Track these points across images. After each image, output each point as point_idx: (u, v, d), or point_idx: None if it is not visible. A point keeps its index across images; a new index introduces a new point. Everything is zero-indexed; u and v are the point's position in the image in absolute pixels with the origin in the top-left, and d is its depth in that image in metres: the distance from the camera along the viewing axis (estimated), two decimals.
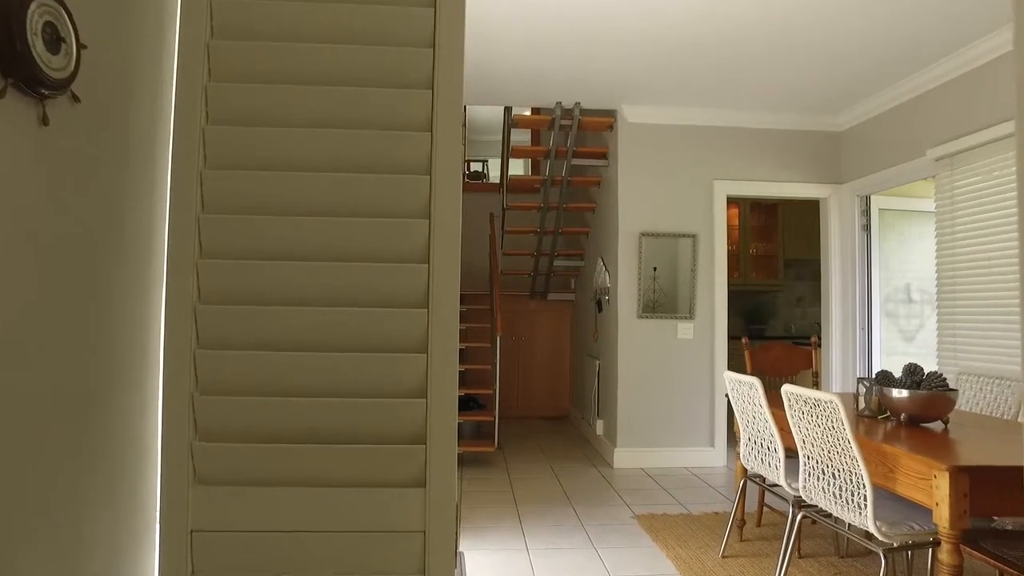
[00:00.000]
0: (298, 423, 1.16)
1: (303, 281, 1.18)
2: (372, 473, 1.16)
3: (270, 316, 1.17)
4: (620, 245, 5.12)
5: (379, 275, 1.19)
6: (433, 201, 1.20)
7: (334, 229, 1.19)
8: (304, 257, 1.19)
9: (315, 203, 1.20)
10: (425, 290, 1.19)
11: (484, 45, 4.00)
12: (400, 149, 1.21)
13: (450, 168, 1.20)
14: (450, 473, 1.18)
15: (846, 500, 2.27)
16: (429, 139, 1.21)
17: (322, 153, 1.21)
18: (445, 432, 1.17)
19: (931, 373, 2.49)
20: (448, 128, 1.21)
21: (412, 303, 1.20)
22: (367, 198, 1.20)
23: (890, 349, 5.13)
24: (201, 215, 1.18)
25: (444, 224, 1.19)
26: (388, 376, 1.18)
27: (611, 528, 3.66)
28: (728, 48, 4.01)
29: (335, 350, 1.18)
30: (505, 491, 4.39)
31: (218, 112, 1.20)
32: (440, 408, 1.17)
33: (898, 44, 3.85)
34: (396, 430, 1.17)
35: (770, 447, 2.86)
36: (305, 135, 1.20)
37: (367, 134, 1.21)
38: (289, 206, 1.20)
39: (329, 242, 1.19)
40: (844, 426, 2.19)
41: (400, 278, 1.19)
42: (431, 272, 1.19)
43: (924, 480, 1.97)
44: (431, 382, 1.17)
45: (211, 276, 1.17)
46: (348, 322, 1.18)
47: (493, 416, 5.23)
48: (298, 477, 1.15)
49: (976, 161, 3.85)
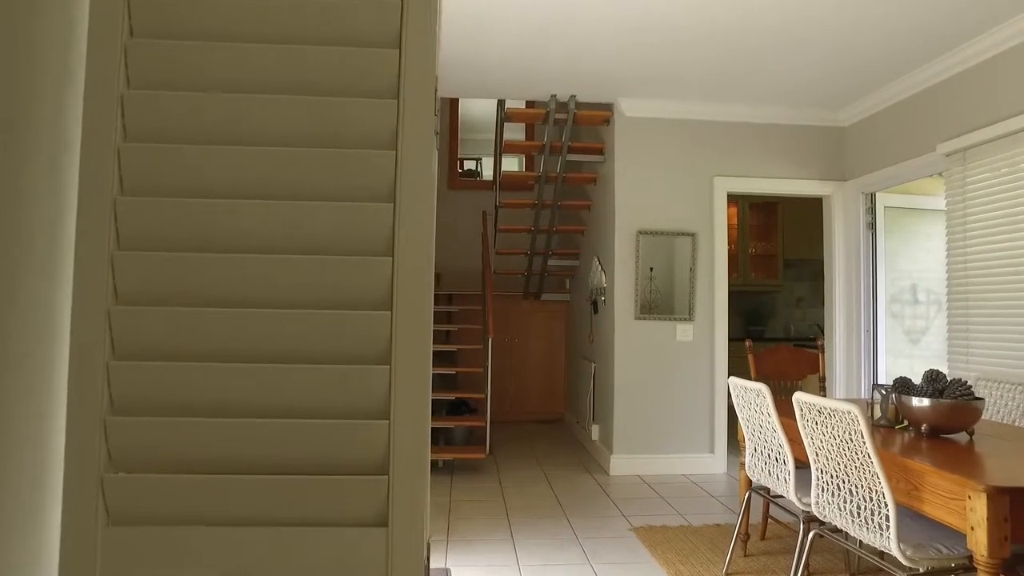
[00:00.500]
0: (234, 450, 0.96)
1: (242, 278, 0.98)
2: (323, 510, 0.96)
3: (201, 320, 0.97)
4: (617, 244, 4.93)
5: (333, 270, 0.99)
6: (399, 181, 1.00)
7: (279, 215, 0.99)
8: (244, 249, 0.99)
9: (256, 183, 1.00)
10: (388, 288, 0.99)
11: (475, 34, 3.81)
12: (360, 119, 1.01)
13: (420, 141, 1.00)
14: (418, 509, 0.97)
15: (865, 520, 2.07)
16: (395, 107, 1.01)
17: (266, 123, 1.01)
18: (413, 460, 0.97)
19: (954, 380, 2.30)
20: (418, 94, 1.01)
21: (372, 304, 1.00)
22: (319, 177, 1.00)
23: (895, 352, 4.96)
24: (119, 197, 0.97)
25: (412, 209, 0.99)
26: (343, 392, 0.98)
27: (608, 542, 3.46)
28: (730, 40, 3.82)
29: (280, 361, 0.98)
30: (496, 500, 4.19)
31: (142, 74, 1.00)
32: (407, 431, 0.97)
33: (907, 34, 3.67)
34: (352, 458, 0.97)
35: (779, 458, 2.67)
36: (239, 102, 1.00)
37: (321, 101, 1.01)
38: (227, 186, 1.00)
39: (273, 230, 0.99)
40: (864, 439, 2.00)
41: (358, 274, 0.99)
42: (395, 267, 0.99)
43: (955, 501, 1.78)
44: (395, 399, 0.97)
45: (130, 272, 0.97)
46: (295, 327, 0.98)
47: (485, 421, 5.03)
48: (232, 515, 0.95)
49: (990, 156, 3.67)
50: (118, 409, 0.95)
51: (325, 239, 1.00)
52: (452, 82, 4.67)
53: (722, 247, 5.01)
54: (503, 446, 5.78)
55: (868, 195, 4.97)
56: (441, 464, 5.04)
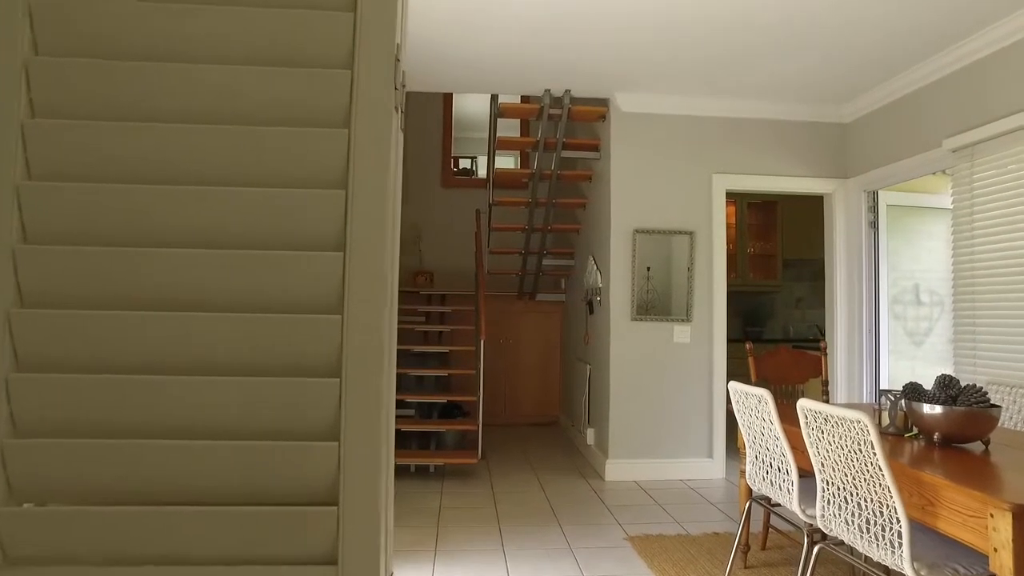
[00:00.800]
0: (154, 477, 0.82)
1: (168, 276, 0.84)
2: (260, 547, 0.82)
3: (121, 326, 0.83)
4: (612, 243, 4.80)
5: (273, 268, 0.85)
6: (352, 165, 0.86)
7: (212, 203, 0.85)
8: (171, 243, 0.85)
9: (186, 166, 0.86)
10: (338, 289, 0.85)
11: (466, 27, 3.67)
12: (305, 92, 0.88)
13: (377, 119, 0.87)
14: (373, 544, 0.84)
15: (875, 536, 1.94)
16: (349, 78, 0.87)
17: (197, 97, 0.87)
18: (367, 487, 0.84)
19: (968, 386, 2.17)
20: (375, 63, 0.87)
21: (320, 306, 0.86)
22: (257, 160, 0.86)
23: (898, 354, 4.83)
24: (23, 183, 0.84)
25: (367, 197, 0.86)
26: (284, 409, 0.84)
27: (602, 552, 3.33)
28: (729, 33, 3.69)
29: (210, 372, 0.84)
30: (488, 507, 4.05)
31: (51, 38, 0.86)
32: (360, 453, 0.84)
33: (913, 26, 3.53)
34: (296, 485, 0.84)
35: (781, 467, 2.53)
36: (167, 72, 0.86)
37: (259, 71, 0.87)
38: (151, 170, 0.86)
39: (204, 221, 0.85)
40: (874, 450, 1.86)
41: (303, 272, 0.86)
42: (347, 264, 0.85)
43: (976, 518, 1.65)
44: (346, 418, 0.84)
45: (35, 269, 0.83)
46: (228, 333, 0.84)
47: (477, 425, 4.89)
48: (152, 553, 0.81)
49: (999, 151, 3.54)
50: (20, 431, 0.82)
51: (265, 232, 0.86)
52: (443, 76, 4.54)
53: (721, 246, 4.88)
54: (496, 450, 5.64)
55: (870, 193, 4.84)
56: (432, 469, 4.90)
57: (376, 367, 0.84)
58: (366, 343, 0.84)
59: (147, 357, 0.83)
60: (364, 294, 0.84)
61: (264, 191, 0.85)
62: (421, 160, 7.43)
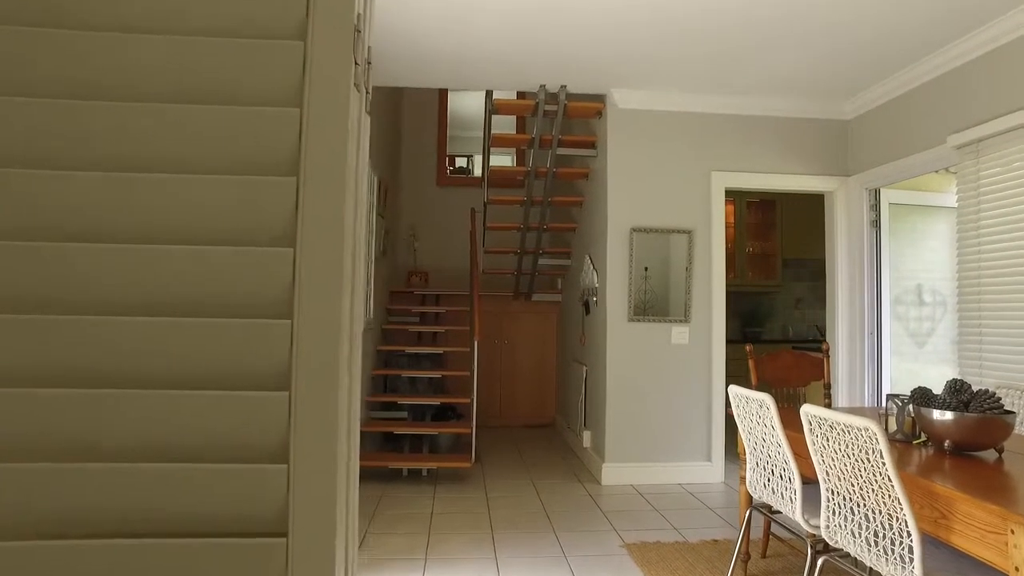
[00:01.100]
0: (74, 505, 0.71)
1: (92, 274, 0.74)
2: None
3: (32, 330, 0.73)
4: (609, 241, 4.69)
5: (214, 265, 0.75)
6: (304, 147, 0.75)
7: (144, 191, 0.75)
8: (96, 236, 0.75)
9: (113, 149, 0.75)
10: (288, 289, 0.75)
11: (457, 19, 3.56)
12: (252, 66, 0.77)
13: (334, 97, 0.76)
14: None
15: (884, 549, 1.84)
16: (301, 50, 0.77)
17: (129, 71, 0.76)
18: (321, 518, 0.73)
19: (980, 391, 2.07)
20: (332, 33, 0.77)
21: (266, 309, 0.75)
22: (196, 142, 0.76)
23: (900, 356, 4.73)
24: None
25: (321, 185, 0.75)
26: (226, 427, 0.73)
27: (598, 560, 3.22)
28: (728, 27, 3.58)
29: (139, 385, 0.73)
30: (481, 512, 3.95)
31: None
32: (313, 479, 0.73)
33: (917, 19, 3.43)
34: (238, 514, 0.73)
35: (783, 475, 2.43)
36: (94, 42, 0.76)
37: (199, 42, 0.77)
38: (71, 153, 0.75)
39: (135, 212, 0.75)
40: (884, 460, 1.76)
41: (248, 270, 0.75)
42: (298, 260, 0.74)
43: (994, 534, 1.55)
44: (296, 437, 0.73)
45: None
46: (161, 340, 0.73)
47: (471, 428, 4.79)
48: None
49: (1006, 148, 3.44)
50: None
51: (205, 226, 0.75)
52: (435, 71, 4.43)
53: (720, 245, 4.78)
54: (491, 452, 5.53)
55: (872, 191, 4.75)
56: (425, 473, 4.80)
57: (331, 379, 0.74)
58: (320, 351, 0.74)
59: (70, 364, 0.72)
60: (317, 296, 0.74)
61: (203, 178, 0.75)
62: (416, 159, 7.33)
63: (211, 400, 0.73)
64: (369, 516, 3.84)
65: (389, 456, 4.82)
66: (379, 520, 3.78)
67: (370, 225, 4.86)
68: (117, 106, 0.75)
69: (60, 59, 0.76)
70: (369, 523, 3.72)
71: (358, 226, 0.83)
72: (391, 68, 4.37)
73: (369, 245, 4.85)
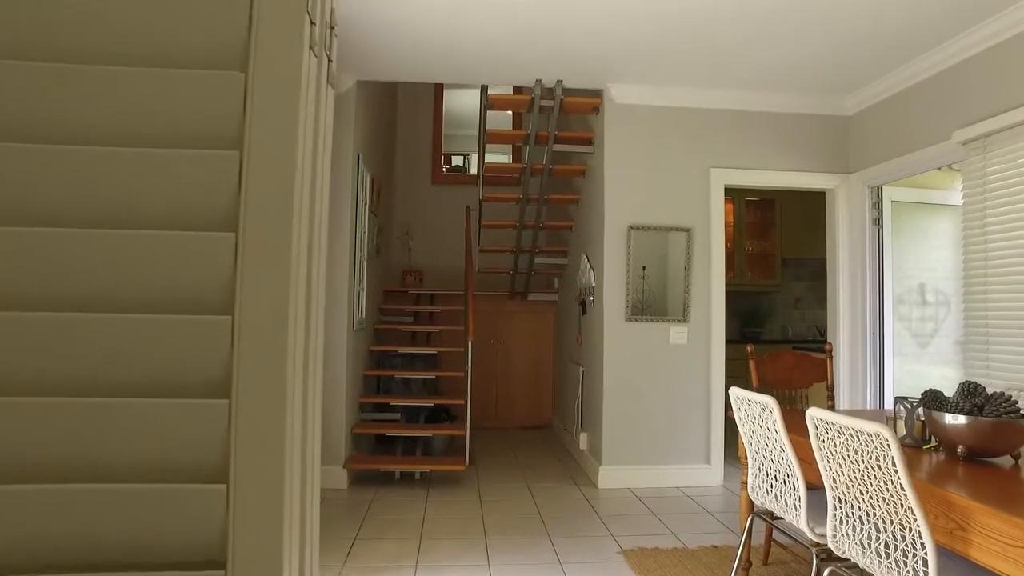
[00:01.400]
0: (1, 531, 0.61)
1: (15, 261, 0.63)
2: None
3: None
4: (606, 240, 4.59)
5: (147, 250, 0.64)
6: (249, 117, 0.65)
7: (66, 164, 0.64)
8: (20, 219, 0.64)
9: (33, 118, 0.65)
10: (229, 278, 0.64)
11: (450, 11, 3.45)
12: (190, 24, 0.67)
13: (284, 60, 0.66)
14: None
15: (896, 561, 1.74)
16: (247, 5, 0.67)
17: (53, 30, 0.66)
18: (266, 546, 0.63)
19: (995, 394, 1.97)
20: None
21: (204, 303, 0.65)
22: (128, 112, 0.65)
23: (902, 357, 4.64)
24: None
25: (269, 159, 0.65)
26: (156, 441, 0.63)
27: (594, 568, 3.12)
28: (727, 21, 3.48)
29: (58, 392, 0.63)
30: (474, 517, 3.84)
31: None
32: (256, 502, 0.63)
33: (920, 12, 3.33)
34: (171, 541, 0.63)
35: (787, 481, 2.33)
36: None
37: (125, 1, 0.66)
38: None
39: (55, 189, 0.64)
40: (896, 467, 1.66)
41: (185, 257, 0.65)
42: (240, 247, 0.64)
43: (1017, 548, 1.45)
44: (237, 450, 0.63)
45: None
46: (86, 338, 0.63)
47: (464, 430, 4.68)
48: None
49: (1013, 143, 3.34)
50: None
51: (134, 206, 0.65)
52: (428, 65, 4.32)
53: (719, 243, 4.68)
54: (486, 455, 5.43)
55: (874, 188, 4.65)
56: (418, 476, 4.69)
57: (278, 384, 0.63)
58: (264, 353, 0.63)
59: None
60: (262, 289, 0.64)
61: (134, 151, 0.65)
62: (411, 157, 7.22)
63: (140, 409, 0.63)
64: (359, 520, 3.73)
65: (381, 459, 4.71)
66: (369, 525, 3.67)
67: (363, 223, 4.76)
68: (54, 67, 0.65)
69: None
70: (359, 528, 3.61)
71: (317, 208, 0.73)
72: (384, 61, 4.27)
73: (362, 243, 4.74)
